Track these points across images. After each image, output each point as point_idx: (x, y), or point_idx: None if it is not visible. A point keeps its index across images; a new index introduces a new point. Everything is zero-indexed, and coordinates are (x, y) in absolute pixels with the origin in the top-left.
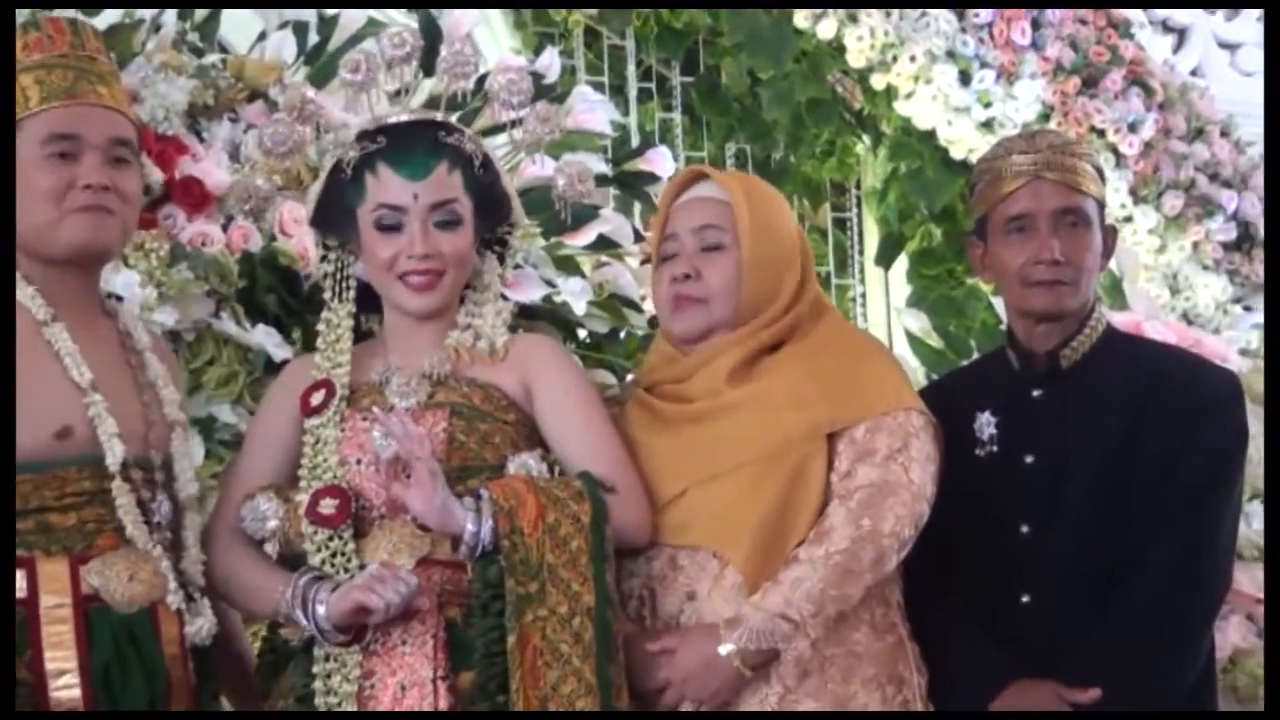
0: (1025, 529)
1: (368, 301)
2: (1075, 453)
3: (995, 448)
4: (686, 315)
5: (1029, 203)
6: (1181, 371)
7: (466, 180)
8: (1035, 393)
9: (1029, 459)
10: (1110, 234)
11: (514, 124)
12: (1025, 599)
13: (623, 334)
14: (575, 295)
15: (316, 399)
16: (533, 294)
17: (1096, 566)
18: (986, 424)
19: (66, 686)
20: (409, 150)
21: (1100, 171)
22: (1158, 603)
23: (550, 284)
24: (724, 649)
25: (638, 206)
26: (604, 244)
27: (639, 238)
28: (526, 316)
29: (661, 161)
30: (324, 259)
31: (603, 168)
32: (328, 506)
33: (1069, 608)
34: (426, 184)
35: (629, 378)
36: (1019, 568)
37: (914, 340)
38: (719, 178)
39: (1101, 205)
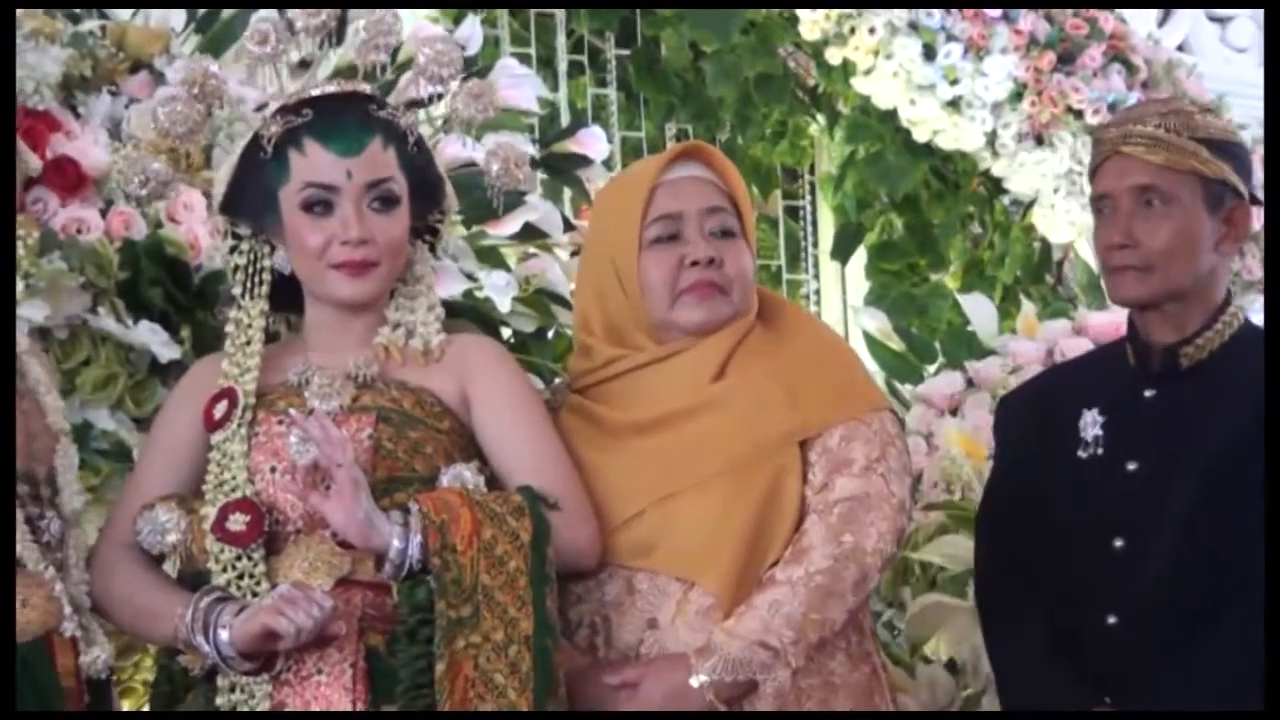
0: (1119, 543)
1: (281, 298)
2: (1184, 462)
3: (1100, 450)
4: (711, 305)
5: (1108, 181)
6: None
7: (402, 159)
8: (1148, 393)
9: (1131, 465)
10: (1238, 213)
11: (433, 99)
12: (1111, 620)
13: (551, 333)
14: (499, 290)
15: (219, 411)
16: (451, 289)
17: (1193, 591)
18: (1092, 423)
19: None
20: (339, 125)
21: (1216, 144)
22: (1252, 641)
23: (471, 278)
24: (696, 680)
25: (568, 193)
26: (530, 234)
27: (569, 227)
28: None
29: (594, 143)
30: (234, 250)
31: (529, 149)
32: (237, 523)
33: (1159, 634)
34: (360, 161)
35: (556, 381)
36: (1108, 585)
37: (872, 342)
38: (721, 161)
39: (1217, 181)
